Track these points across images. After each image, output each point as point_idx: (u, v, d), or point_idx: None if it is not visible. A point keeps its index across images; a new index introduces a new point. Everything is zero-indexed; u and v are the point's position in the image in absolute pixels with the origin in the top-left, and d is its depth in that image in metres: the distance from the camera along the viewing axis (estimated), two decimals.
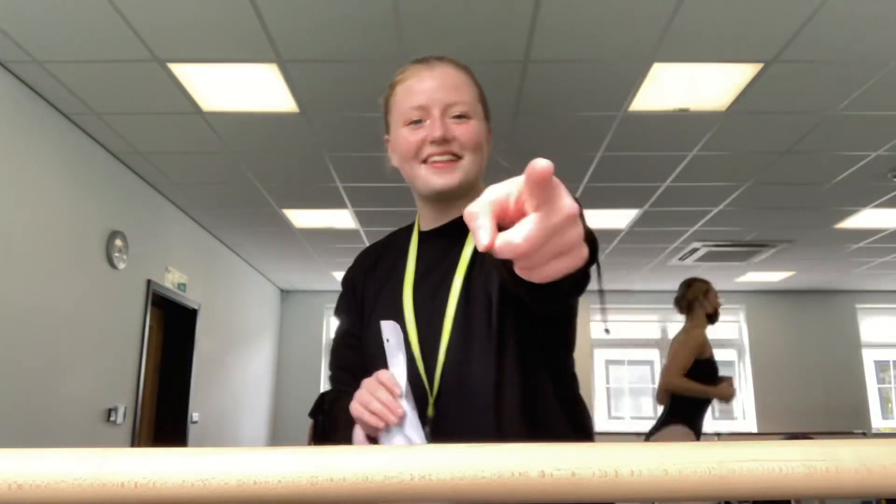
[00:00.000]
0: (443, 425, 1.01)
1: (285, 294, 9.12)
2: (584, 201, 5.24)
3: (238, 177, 4.77)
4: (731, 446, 0.47)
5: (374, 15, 2.86)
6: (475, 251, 1.08)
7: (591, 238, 0.90)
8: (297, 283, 8.70)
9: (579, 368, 1.15)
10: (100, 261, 4.28)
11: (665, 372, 3.97)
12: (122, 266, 4.49)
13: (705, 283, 4.05)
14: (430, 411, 1.02)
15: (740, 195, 5.08)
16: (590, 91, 3.52)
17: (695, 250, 6.70)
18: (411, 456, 0.47)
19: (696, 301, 3.99)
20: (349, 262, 1.33)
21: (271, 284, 8.63)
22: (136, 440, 4.76)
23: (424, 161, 1.08)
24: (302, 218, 5.80)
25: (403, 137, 1.10)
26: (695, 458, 0.46)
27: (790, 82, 3.41)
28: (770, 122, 3.88)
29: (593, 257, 0.89)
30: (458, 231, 1.12)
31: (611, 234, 6.18)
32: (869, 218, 5.60)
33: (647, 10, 2.83)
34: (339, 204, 5.32)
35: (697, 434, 3.90)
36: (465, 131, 1.08)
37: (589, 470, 0.46)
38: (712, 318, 3.98)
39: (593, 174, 4.69)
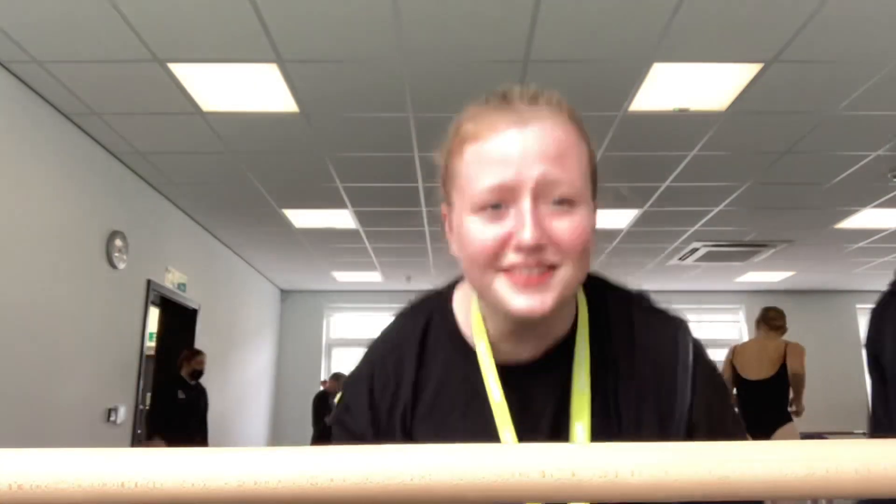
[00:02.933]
0: None
1: (285, 294, 9.11)
2: None
3: (238, 177, 4.77)
4: (732, 446, 0.47)
5: (374, 15, 2.86)
6: (592, 385, 0.80)
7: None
8: (297, 283, 8.70)
9: None
10: (100, 261, 4.27)
11: (799, 365, 4.61)
12: (122, 266, 4.49)
13: None
14: None
15: (740, 195, 5.08)
16: (590, 91, 3.52)
17: (695, 250, 6.70)
18: (412, 457, 0.47)
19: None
20: (349, 261, 1.20)
21: (271, 284, 8.63)
22: (136, 440, 4.76)
23: (504, 270, 0.74)
24: (302, 218, 5.80)
25: (473, 233, 0.74)
26: (695, 459, 0.46)
27: (790, 82, 3.40)
28: (770, 122, 3.88)
29: None
30: (561, 361, 0.81)
31: (611, 234, 6.17)
32: (869, 218, 5.60)
33: (647, 10, 2.83)
34: (339, 204, 5.32)
35: None
36: (570, 230, 0.73)
37: (589, 470, 0.46)
38: None
39: None
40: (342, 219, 5.76)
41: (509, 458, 0.46)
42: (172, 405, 5.27)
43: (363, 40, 3.05)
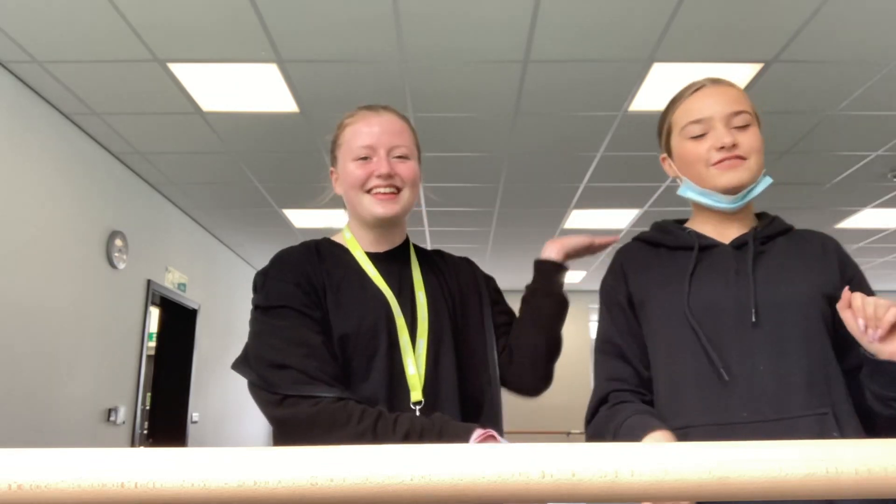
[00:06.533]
0: (425, 408, 1.22)
1: None
2: (584, 201, 5.26)
3: (238, 177, 4.77)
4: (731, 447, 0.47)
5: (374, 15, 2.86)
6: (421, 272, 1.36)
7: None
8: None
9: (579, 368, 1.17)
10: (100, 261, 4.27)
11: None
12: (122, 266, 4.49)
13: None
14: (420, 397, 1.21)
15: None
16: (590, 91, 3.52)
17: None
18: (411, 456, 0.47)
19: None
20: None
21: None
22: (136, 440, 4.76)
23: (368, 191, 1.29)
24: (302, 218, 5.80)
25: (351, 170, 1.30)
26: (695, 459, 0.46)
27: (790, 82, 3.40)
28: (770, 122, 3.88)
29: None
30: (402, 255, 1.37)
31: (611, 234, 6.17)
32: (869, 218, 5.60)
33: (647, 10, 2.83)
34: (340, 204, 5.30)
35: None
36: (406, 169, 1.30)
37: (589, 470, 0.45)
38: None
39: (593, 174, 4.69)
40: (342, 219, 5.75)
41: (509, 458, 0.46)
42: None
43: (363, 40, 3.05)
